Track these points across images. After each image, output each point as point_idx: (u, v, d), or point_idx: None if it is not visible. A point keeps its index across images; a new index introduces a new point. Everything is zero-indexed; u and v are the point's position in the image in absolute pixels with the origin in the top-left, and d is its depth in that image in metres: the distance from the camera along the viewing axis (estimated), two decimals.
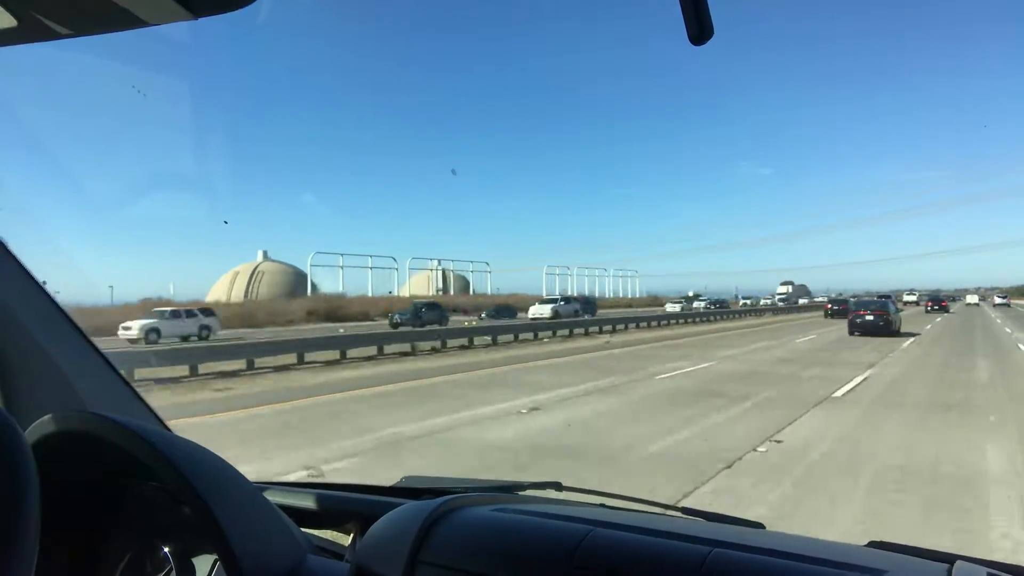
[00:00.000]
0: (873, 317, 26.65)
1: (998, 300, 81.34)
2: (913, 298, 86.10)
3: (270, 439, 8.30)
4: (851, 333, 26.75)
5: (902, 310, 32.30)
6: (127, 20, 0.64)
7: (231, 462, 0.94)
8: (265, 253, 64.24)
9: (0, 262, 1.18)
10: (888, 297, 35.45)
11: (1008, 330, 30.52)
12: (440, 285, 73.72)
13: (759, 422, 8.80)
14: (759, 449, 7.28)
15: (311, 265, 58.37)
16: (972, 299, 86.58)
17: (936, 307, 54.55)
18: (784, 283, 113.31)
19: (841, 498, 5.53)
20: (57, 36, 0.68)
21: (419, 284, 72.50)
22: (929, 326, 32.83)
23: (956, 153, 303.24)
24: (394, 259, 67.00)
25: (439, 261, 75.70)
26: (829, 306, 46.81)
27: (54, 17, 0.65)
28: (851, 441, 7.69)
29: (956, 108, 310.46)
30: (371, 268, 63.77)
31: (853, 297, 44.71)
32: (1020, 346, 21.82)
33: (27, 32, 0.67)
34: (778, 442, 7.65)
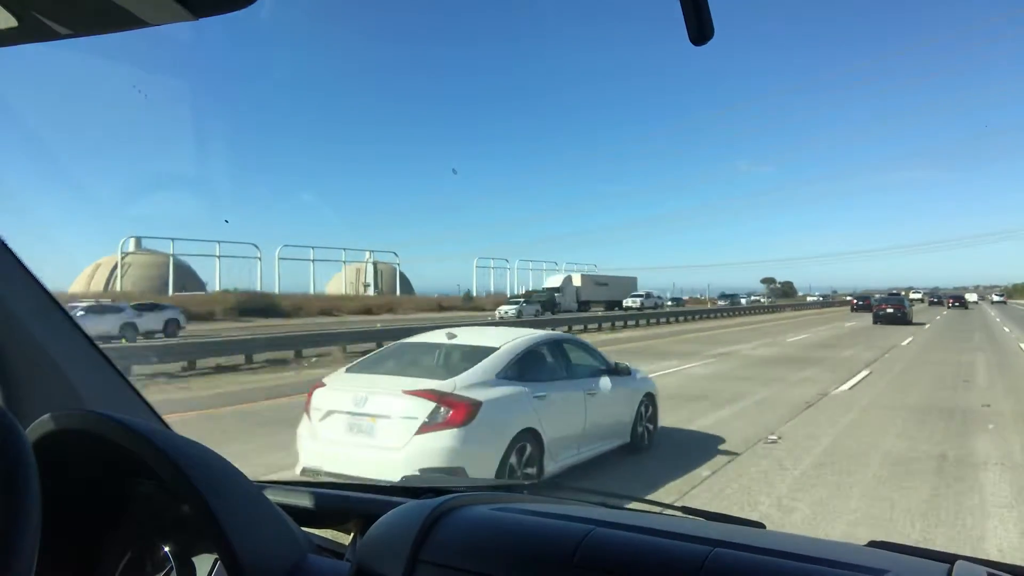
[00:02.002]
0: (892, 310, 34.02)
1: (995, 298, 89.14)
2: (918, 296, 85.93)
3: None
4: (875, 323, 33.34)
5: (912, 306, 39.25)
6: (127, 20, 0.63)
7: None
8: (138, 242, 49.32)
9: (0, 260, 1.18)
10: (898, 295, 42.98)
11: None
12: (369, 280, 62.28)
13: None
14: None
15: (121, 253, 46.78)
16: (972, 297, 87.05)
17: (957, 303, 63.56)
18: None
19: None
20: (57, 36, 0.68)
21: (348, 280, 61.44)
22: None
23: (957, 152, 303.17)
24: (256, 246, 52.83)
25: (371, 252, 61.65)
26: (855, 301, 54.86)
27: (54, 17, 0.65)
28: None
29: (956, 107, 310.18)
30: (219, 257, 50.25)
31: (878, 295, 50.83)
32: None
33: (27, 32, 0.67)
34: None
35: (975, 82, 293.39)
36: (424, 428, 4.81)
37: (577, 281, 56.88)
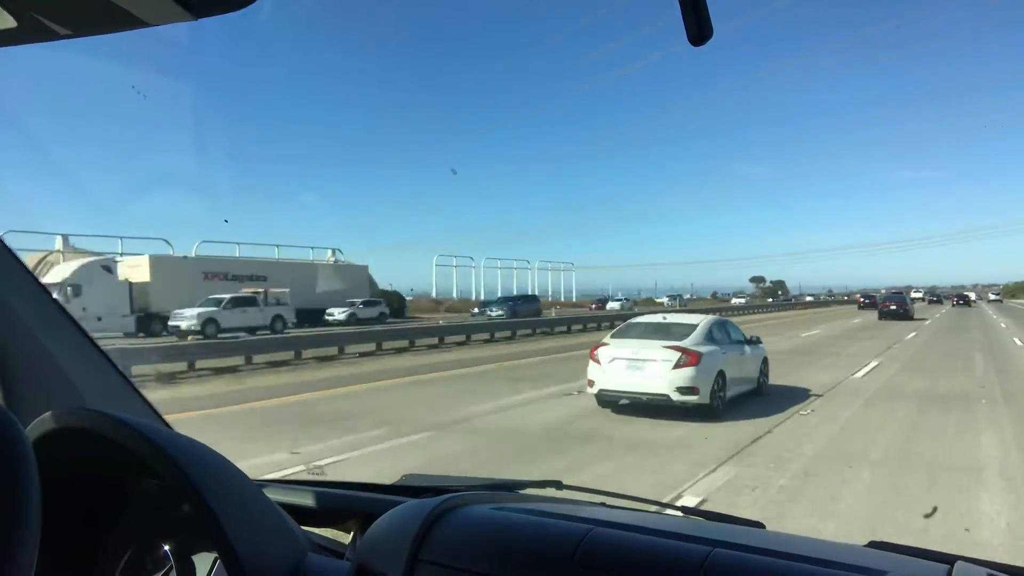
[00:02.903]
0: (895, 307, 38.75)
1: (992, 297, 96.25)
2: (919, 295, 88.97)
3: None
4: (880, 319, 37.71)
5: (913, 304, 44.38)
6: (127, 21, 0.64)
7: None
8: (65, 239, 35.24)
9: (0, 261, 1.18)
10: (900, 293, 49.24)
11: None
12: None
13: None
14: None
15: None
16: (970, 296, 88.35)
17: (961, 301, 68.96)
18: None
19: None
20: (56, 37, 0.68)
21: None
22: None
23: (955, 152, 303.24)
24: (167, 242, 38.79)
25: (333, 251, 48.02)
26: (861, 299, 61.91)
27: (53, 18, 0.65)
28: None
29: (955, 107, 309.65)
30: (121, 255, 33.34)
31: (876, 292, 61.55)
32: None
33: (26, 33, 0.67)
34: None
35: (974, 80, 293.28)
36: (676, 367, 9.12)
37: (141, 273, 29.58)
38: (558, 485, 1.31)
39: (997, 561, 0.89)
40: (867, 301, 57.49)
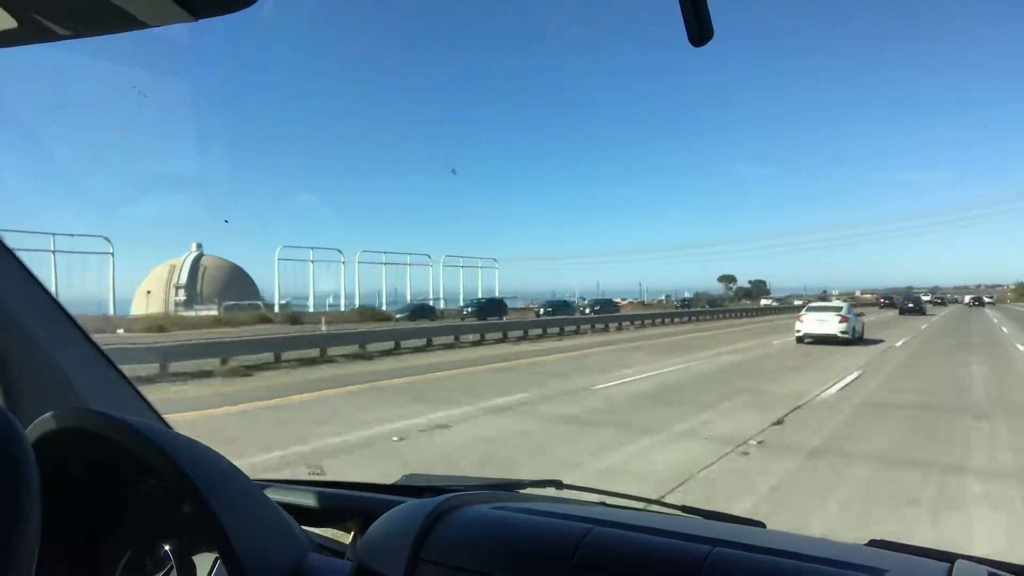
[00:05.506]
0: (913, 305, 55.11)
1: (986, 300, 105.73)
2: (928, 298, 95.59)
3: None
4: (900, 314, 51.47)
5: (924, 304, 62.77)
6: (127, 21, 0.64)
7: None
8: None
9: (0, 260, 1.18)
10: (916, 295, 65.31)
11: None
12: (182, 282, 46.65)
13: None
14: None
15: None
16: (966, 298, 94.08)
17: (976, 303, 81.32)
18: None
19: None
20: (57, 37, 0.68)
21: (156, 281, 46.68)
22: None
23: (956, 154, 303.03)
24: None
25: (198, 244, 43.09)
26: (882, 300, 75.73)
27: (54, 18, 0.65)
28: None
29: (956, 108, 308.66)
30: None
31: (894, 294, 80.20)
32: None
33: (27, 33, 0.67)
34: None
35: (976, 79, 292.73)
36: (839, 322, 22.93)
37: None
38: (558, 485, 1.31)
39: (998, 560, 0.89)
40: (887, 301, 72.09)
